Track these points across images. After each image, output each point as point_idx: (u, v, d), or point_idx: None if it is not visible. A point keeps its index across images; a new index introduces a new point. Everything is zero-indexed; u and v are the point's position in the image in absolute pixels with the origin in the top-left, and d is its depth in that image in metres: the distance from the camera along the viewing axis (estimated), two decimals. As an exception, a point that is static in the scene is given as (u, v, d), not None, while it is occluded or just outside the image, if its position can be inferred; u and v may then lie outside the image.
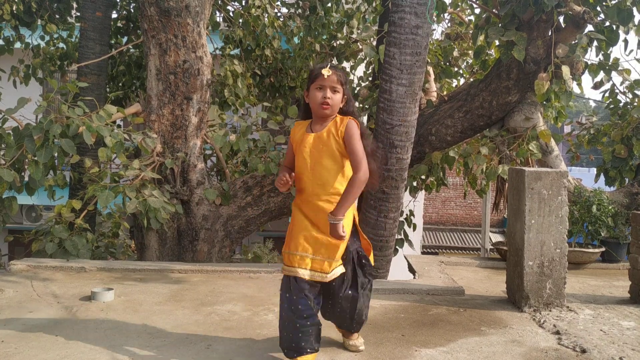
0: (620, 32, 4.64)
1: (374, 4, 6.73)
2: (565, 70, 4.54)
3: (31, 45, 7.73)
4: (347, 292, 2.64)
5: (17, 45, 7.75)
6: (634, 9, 4.48)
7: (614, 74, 4.98)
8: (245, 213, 5.39)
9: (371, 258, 2.77)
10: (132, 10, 7.34)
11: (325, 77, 2.54)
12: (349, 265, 2.64)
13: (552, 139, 5.30)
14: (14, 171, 4.48)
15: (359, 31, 6.66)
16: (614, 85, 5.97)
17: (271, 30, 6.80)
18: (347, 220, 2.56)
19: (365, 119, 5.91)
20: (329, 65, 2.58)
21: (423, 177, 5.50)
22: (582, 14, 4.54)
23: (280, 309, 2.58)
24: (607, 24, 4.69)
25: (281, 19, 7.39)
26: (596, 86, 5.34)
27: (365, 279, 2.70)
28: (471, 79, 6.19)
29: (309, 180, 2.58)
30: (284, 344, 2.56)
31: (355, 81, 6.54)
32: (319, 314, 2.69)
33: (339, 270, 2.58)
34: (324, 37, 6.92)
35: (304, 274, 2.52)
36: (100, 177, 4.91)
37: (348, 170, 2.57)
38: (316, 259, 2.53)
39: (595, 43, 4.77)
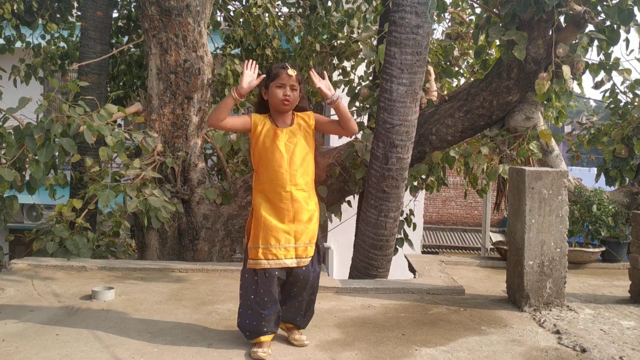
0: (621, 31, 4.64)
1: (374, 4, 6.73)
2: (566, 70, 4.54)
3: (32, 45, 7.73)
4: (314, 281, 2.83)
5: (18, 44, 7.76)
6: (635, 9, 4.48)
7: (614, 73, 4.98)
8: (245, 212, 5.39)
9: None
10: (132, 10, 7.35)
11: (291, 76, 2.73)
12: (315, 251, 2.84)
13: (552, 139, 5.30)
14: (15, 170, 4.49)
15: (359, 31, 6.67)
16: (614, 85, 5.97)
17: (272, 30, 6.80)
18: (317, 210, 2.82)
19: (365, 118, 5.91)
20: (289, 65, 2.77)
21: (423, 176, 5.50)
22: (583, 13, 4.54)
23: (244, 298, 2.75)
24: (608, 23, 4.69)
25: (282, 19, 7.40)
26: (597, 86, 5.34)
27: (318, 264, 2.87)
28: (472, 79, 6.19)
29: (286, 171, 2.72)
30: (245, 328, 2.75)
31: (356, 81, 6.54)
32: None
33: (312, 251, 2.79)
34: (325, 36, 6.92)
35: (292, 262, 2.72)
36: (101, 177, 4.91)
37: (312, 161, 2.83)
38: (299, 247, 2.73)
39: (595, 43, 4.77)
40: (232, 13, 7.26)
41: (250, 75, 2.76)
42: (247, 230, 2.86)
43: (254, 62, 2.80)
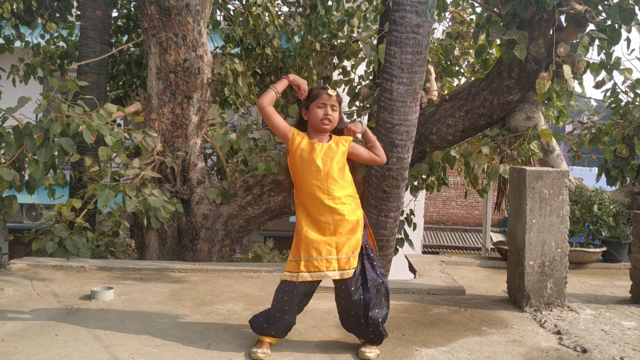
0: (623, 31, 4.63)
1: (374, 3, 6.72)
2: (567, 69, 4.53)
3: (31, 44, 7.72)
4: (358, 292, 2.74)
5: (17, 43, 7.75)
6: (636, 8, 4.46)
7: (615, 73, 4.96)
8: (245, 212, 5.39)
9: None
10: (132, 9, 7.34)
11: (331, 96, 2.79)
12: (360, 260, 2.78)
13: (553, 138, 5.29)
14: (14, 170, 4.48)
15: (359, 30, 6.66)
16: (615, 84, 5.96)
17: (272, 29, 6.79)
18: (360, 220, 2.78)
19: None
20: (328, 87, 2.83)
21: (424, 176, 5.49)
22: (584, 12, 4.52)
23: (276, 307, 2.74)
24: (609, 22, 4.68)
25: (282, 18, 7.39)
26: (598, 85, 5.32)
27: (374, 273, 2.80)
28: (472, 78, 6.18)
29: (323, 185, 2.74)
30: (255, 323, 2.79)
31: (356, 80, 6.53)
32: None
33: (355, 263, 2.74)
34: (325, 36, 6.91)
35: (335, 274, 2.70)
36: (100, 176, 4.90)
37: (351, 175, 2.87)
38: (342, 258, 2.71)
39: (596, 42, 4.76)
40: (231, 12, 7.24)
41: (305, 83, 2.86)
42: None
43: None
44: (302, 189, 2.80)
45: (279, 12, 7.50)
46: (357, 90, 6.02)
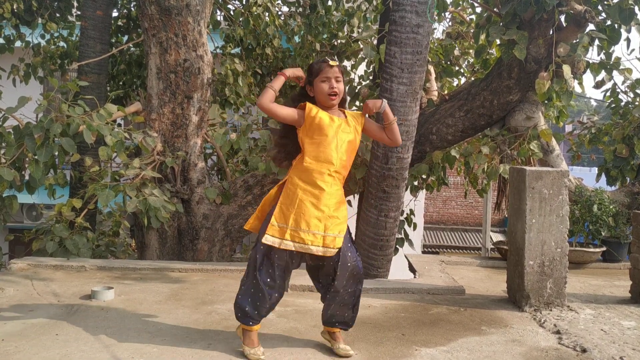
0: (622, 31, 4.63)
1: (374, 3, 6.72)
2: (566, 69, 4.53)
3: (31, 44, 7.73)
4: (357, 270, 2.74)
5: (18, 43, 7.75)
6: (636, 8, 4.46)
7: (615, 73, 4.97)
8: (245, 212, 5.39)
9: None
10: (132, 9, 7.34)
11: (333, 67, 2.70)
12: (349, 242, 2.76)
13: (553, 138, 5.29)
14: (15, 170, 4.48)
15: (359, 30, 6.66)
16: (615, 84, 5.96)
17: (272, 29, 6.79)
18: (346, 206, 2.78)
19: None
20: (328, 59, 2.75)
21: (424, 176, 5.49)
22: (584, 12, 4.53)
23: (250, 278, 2.70)
24: (609, 23, 4.68)
25: (282, 18, 7.39)
26: (597, 85, 5.32)
27: (358, 258, 2.80)
28: (472, 78, 6.18)
29: (334, 152, 2.69)
30: (244, 310, 2.70)
31: (356, 80, 6.53)
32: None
33: (340, 243, 2.69)
34: (325, 36, 6.91)
35: (318, 250, 2.63)
36: (100, 176, 4.91)
37: (352, 158, 2.83)
38: (328, 236, 2.65)
39: (596, 42, 4.76)
40: (232, 12, 7.25)
41: (299, 70, 2.82)
42: (265, 203, 2.81)
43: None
44: (312, 153, 2.70)
45: (279, 12, 7.50)
46: (357, 91, 6.02)
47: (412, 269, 4.80)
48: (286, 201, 2.69)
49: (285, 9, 7.65)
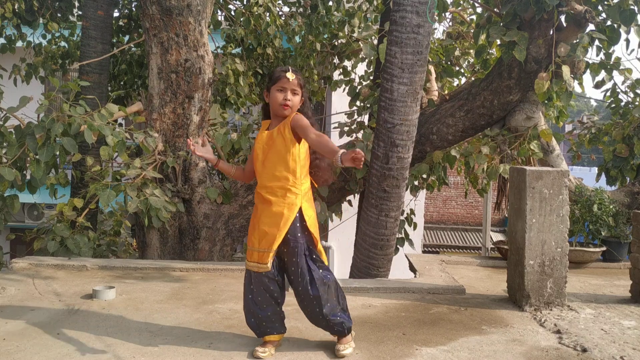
0: (622, 31, 4.63)
1: (375, 3, 6.73)
2: (566, 70, 4.54)
3: (33, 44, 7.74)
4: (307, 289, 2.67)
5: (19, 43, 7.76)
6: (636, 8, 4.47)
7: (615, 73, 4.97)
8: (246, 212, 5.39)
9: (323, 257, 2.78)
10: (133, 9, 7.35)
11: (290, 80, 2.69)
12: (302, 258, 2.68)
13: (553, 138, 5.29)
14: (16, 170, 4.49)
15: (360, 30, 6.67)
16: (615, 84, 5.96)
17: (273, 29, 6.80)
18: (289, 214, 2.65)
19: (366, 118, 5.91)
20: (290, 69, 2.73)
21: (424, 176, 5.50)
22: (584, 13, 4.53)
23: (244, 298, 2.80)
24: (609, 23, 4.68)
25: (283, 18, 7.39)
26: (597, 85, 5.33)
27: (323, 272, 2.71)
28: (472, 78, 6.19)
29: (260, 174, 2.76)
30: (251, 327, 2.80)
31: (357, 80, 6.54)
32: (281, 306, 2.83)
33: (268, 259, 2.68)
34: (325, 36, 6.92)
35: (252, 266, 2.72)
36: (101, 176, 4.91)
37: (294, 161, 2.67)
38: (260, 251, 2.69)
39: (596, 42, 4.77)
40: (233, 12, 7.25)
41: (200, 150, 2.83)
42: None
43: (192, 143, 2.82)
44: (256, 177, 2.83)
45: (280, 12, 7.51)
46: (357, 90, 6.04)
47: (412, 269, 4.80)
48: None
49: (286, 9, 7.65)
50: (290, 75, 2.69)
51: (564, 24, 4.81)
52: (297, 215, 2.67)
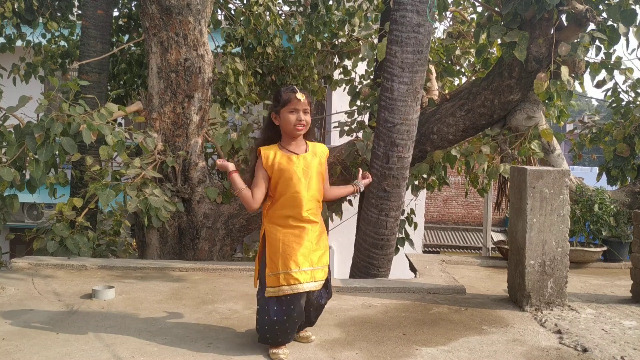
0: (620, 31, 4.62)
1: (375, 2, 6.72)
2: (564, 70, 4.53)
3: (32, 43, 7.73)
4: (321, 299, 2.89)
5: (19, 43, 7.76)
6: (637, 8, 4.46)
7: (616, 72, 4.96)
8: (246, 211, 5.39)
9: None
10: (133, 8, 7.34)
11: (301, 100, 2.70)
12: None
13: (554, 138, 5.28)
14: (15, 169, 4.48)
15: (360, 29, 6.66)
16: (616, 84, 5.95)
17: (273, 29, 6.79)
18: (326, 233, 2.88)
19: (366, 117, 5.91)
20: (297, 89, 2.74)
21: (424, 175, 5.50)
22: (585, 12, 4.52)
23: (270, 323, 2.68)
24: (610, 22, 4.67)
25: (283, 17, 7.39)
26: (598, 85, 5.32)
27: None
28: (473, 78, 6.18)
29: (304, 197, 2.73)
30: (269, 340, 2.73)
31: (357, 79, 6.54)
32: None
33: (326, 274, 2.82)
34: (326, 35, 6.91)
35: (312, 286, 2.70)
36: (101, 176, 4.91)
37: (322, 187, 2.88)
38: (317, 269, 2.72)
39: (597, 42, 4.75)
40: (233, 11, 7.25)
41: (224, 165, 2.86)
42: (259, 259, 2.82)
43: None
44: (282, 201, 2.73)
45: (280, 12, 7.50)
46: (357, 90, 6.03)
47: (412, 269, 4.80)
48: (271, 250, 2.72)
49: (286, 8, 7.65)
50: (300, 96, 2.70)
51: (565, 24, 4.80)
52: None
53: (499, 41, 4.98)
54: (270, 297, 2.68)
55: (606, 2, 4.69)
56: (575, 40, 4.71)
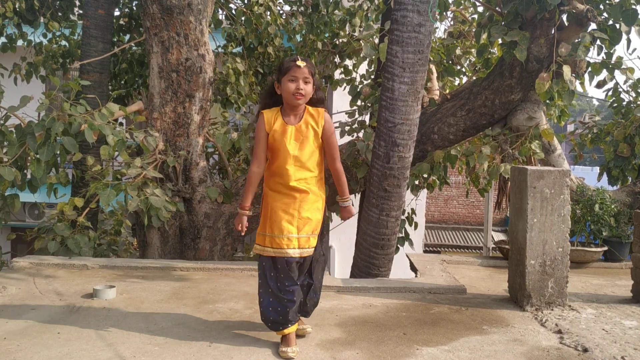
0: (623, 31, 4.62)
1: (376, 2, 6.72)
2: (567, 70, 4.52)
3: (33, 43, 7.73)
4: (323, 258, 2.92)
5: (20, 42, 7.76)
6: (638, 8, 4.45)
7: (617, 72, 4.96)
8: (247, 211, 5.39)
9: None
10: (134, 8, 7.34)
11: (301, 67, 2.72)
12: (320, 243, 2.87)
13: (554, 138, 5.28)
14: (16, 169, 4.48)
15: (361, 29, 6.66)
16: (617, 84, 5.95)
17: (273, 28, 6.79)
18: (323, 202, 2.87)
19: (367, 117, 5.91)
20: (300, 58, 2.76)
21: (425, 175, 5.50)
22: (586, 12, 4.52)
23: (263, 289, 2.79)
24: (611, 22, 4.67)
25: (283, 17, 7.39)
26: (599, 85, 5.32)
27: (321, 251, 2.91)
28: (474, 78, 6.18)
29: (291, 167, 2.77)
30: (268, 319, 2.77)
31: (358, 79, 6.53)
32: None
33: (314, 242, 2.82)
34: (326, 35, 6.91)
35: (294, 252, 2.73)
36: (102, 175, 4.91)
37: (320, 155, 2.86)
38: (302, 237, 2.75)
39: (598, 41, 4.75)
40: (233, 11, 7.25)
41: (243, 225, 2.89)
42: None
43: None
44: (273, 169, 2.83)
45: (281, 11, 7.50)
46: (358, 90, 6.03)
47: (413, 268, 4.80)
48: (264, 211, 2.85)
49: (287, 8, 7.65)
50: (300, 63, 2.71)
51: (566, 23, 4.80)
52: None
53: (500, 41, 4.98)
54: (267, 260, 2.76)
55: (607, 1, 4.69)
56: (576, 40, 4.71)
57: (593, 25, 4.69)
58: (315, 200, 2.81)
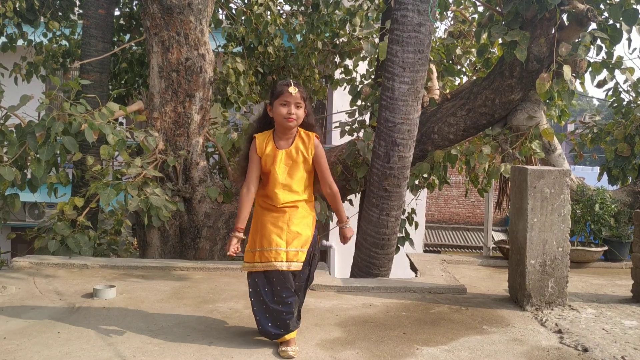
0: (623, 30, 4.62)
1: (376, 2, 6.72)
2: (567, 70, 4.52)
3: (34, 43, 7.74)
4: (305, 286, 2.90)
5: (20, 42, 7.77)
6: (639, 8, 4.45)
7: (617, 72, 4.96)
8: (247, 211, 5.39)
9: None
10: (134, 8, 7.35)
11: (292, 94, 2.74)
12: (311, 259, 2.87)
13: (554, 138, 5.28)
14: (16, 169, 4.48)
15: (361, 29, 6.66)
16: (617, 83, 5.95)
17: (274, 28, 6.79)
18: (312, 220, 2.88)
19: (367, 117, 5.91)
20: (292, 83, 2.79)
21: (425, 175, 5.50)
22: (586, 11, 4.52)
23: (258, 306, 2.77)
24: (611, 22, 4.67)
25: (284, 17, 7.39)
26: (600, 84, 5.32)
27: (312, 275, 2.93)
28: (474, 77, 6.17)
29: (280, 191, 2.81)
30: (272, 333, 2.75)
31: (358, 79, 6.53)
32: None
33: (304, 257, 2.80)
34: (327, 34, 6.91)
35: (281, 266, 2.73)
36: (102, 175, 4.91)
37: (310, 179, 2.90)
38: (290, 251, 2.75)
39: (598, 41, 4.75)
40: (234, 11, 7.25)
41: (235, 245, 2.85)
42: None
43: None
44: (265, 190, 2.86)
45: (281, 11, 7.50)
46: (358, 89, 6.03)
47: (413, 268, 4.80)
48: (254, 226, 2.86)
49: (287, 7, 7.65)
50: (292, 89, 2.74)
51: (566, 23, 4.80)
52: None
53: (500, 41, 4.98)
54: (260, 276, 2.75)
55: (607, 1, 4.69)
56: (577, 40, 4.70)
57: (593, 25, 4.69)
58: (304, 215, 2.83)
